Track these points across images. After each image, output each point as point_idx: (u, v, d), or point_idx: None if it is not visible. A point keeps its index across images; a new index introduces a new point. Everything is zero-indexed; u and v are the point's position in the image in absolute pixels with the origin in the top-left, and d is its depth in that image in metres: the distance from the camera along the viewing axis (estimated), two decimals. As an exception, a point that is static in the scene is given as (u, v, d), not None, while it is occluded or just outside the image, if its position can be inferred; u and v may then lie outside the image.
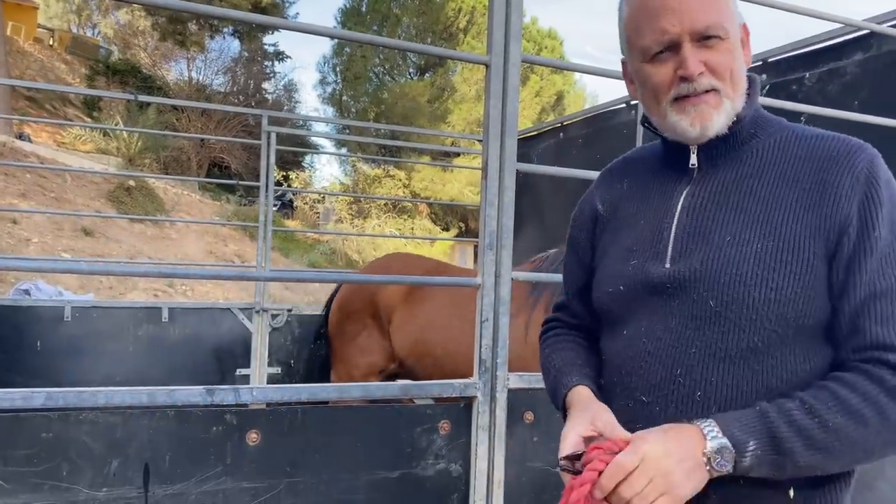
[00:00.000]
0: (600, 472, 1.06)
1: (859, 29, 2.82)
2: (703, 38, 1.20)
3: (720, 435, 1.05)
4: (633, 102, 4.31)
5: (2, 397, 1.37)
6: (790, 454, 1.05)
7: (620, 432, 1.14)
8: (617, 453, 1.07)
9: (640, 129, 4.16)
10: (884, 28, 2.63)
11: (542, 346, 1.53)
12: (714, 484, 1.08)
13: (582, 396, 1.31)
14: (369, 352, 4.34)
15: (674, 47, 1.22)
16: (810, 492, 1.15)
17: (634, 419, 1.20)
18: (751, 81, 1.28)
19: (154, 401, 1.49)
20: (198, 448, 1.54)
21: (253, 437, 1.59)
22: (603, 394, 1.33)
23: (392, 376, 4.35)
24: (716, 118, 1.22)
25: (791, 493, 1.14)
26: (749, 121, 1.26)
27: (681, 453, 1.05)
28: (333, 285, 4.92)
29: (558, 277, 2.17)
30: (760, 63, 3.35)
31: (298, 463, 1.64)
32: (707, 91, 1.22)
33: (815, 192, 1.16)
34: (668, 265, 1.24)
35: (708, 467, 1.05)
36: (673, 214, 1.28)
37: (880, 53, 2.87)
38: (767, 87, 3.25)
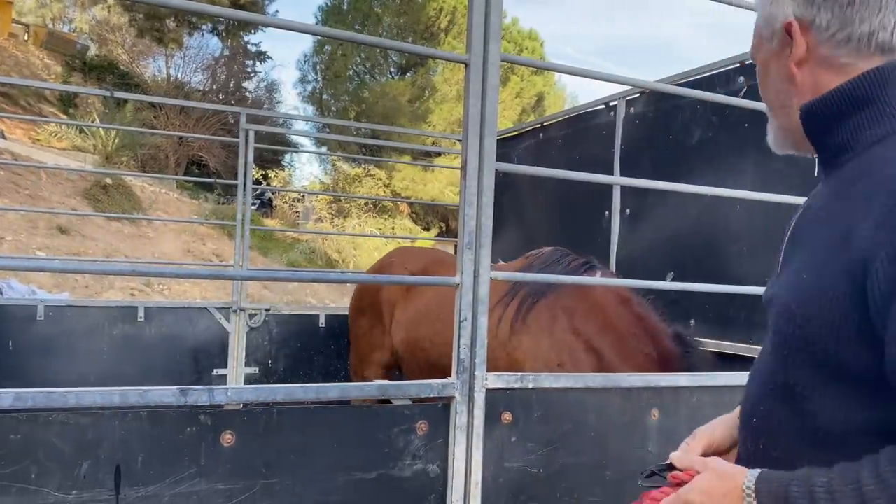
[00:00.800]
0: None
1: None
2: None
3: (753, 501, 1.03)
4: (612, 104, 4.33)
5: (-32, 398, 1.34)
6: None
7: (690, 461, 1.18)
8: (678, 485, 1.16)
9: (618, 131, 4.18)
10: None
11: None
12: None
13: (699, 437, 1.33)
14: (378, 347, 4.47)
15: None
16: None
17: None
18: (868, 76, 1.09)
19: (126, 401, 1.47)
20: (171, 449, 1.52)
21: (228, 438, 1.57)
22: None
23: (392, 370, 4.46)
24: (769, 135, 1.25)
25: None
26: (842, 127, 1.11)
27: None
28: (313, 285, 4.90)
29: (535, 277, 2.18)
30: (738, 65, 3.37)
31: (274, 464, 1.62)
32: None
33: (858, 219, 1.00)
34: (772, 284, 1.21)
35: None
36: (788, 229, 1.23)
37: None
38: (746, 88, 3.27)
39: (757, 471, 1.05)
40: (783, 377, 1.10)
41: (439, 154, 18.74)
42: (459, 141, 1.92)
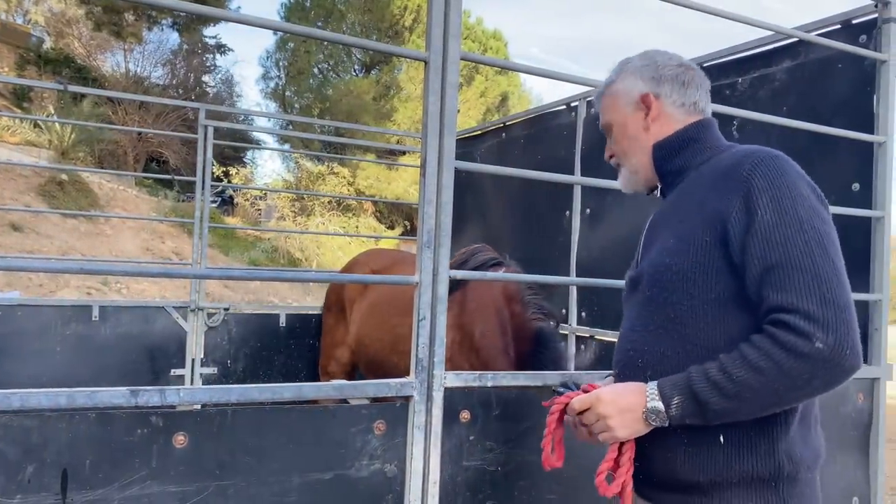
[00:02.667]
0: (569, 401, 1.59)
1: (789, 37, 2.91)
2: (607, 132, 1.80)
3: (656, 398, 1.42)
4: (573, 104, 4.37)
5: None
6: (706, 404, 1.36)
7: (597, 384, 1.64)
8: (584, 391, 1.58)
9: (579, 131, 4.21)
10: (811, 37, 2.72)
11: None
12: (660, 438, 1.47)
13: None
14: (339, 343, 4.53)
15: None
16: (737, 440, 1.43)
17: None
18: (697, 124, 1.68)
19: (73, 403, 1.42)
20: (120, 452, 1.48)
21: (180, 440, 1.54)
22: None
23: (354, 368, 4.52)
24: (622, 181, 1.80)
25: (721, 439, 1.43)
26: (682, 155, 1.66)
27: (623, 406, 1.46)
28: (275, 284, 4.87)
29: (493, 276, 2.18)
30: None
31: (228, 465, 1.60)
32: (618, 166, 1.81)
33: (710, 195, 1.49)
34: (636, 268, 1.68)
35: (646, 420, 1.44)
36: (643, 231, 1.74)
37: (808, 61, 2.97)
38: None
39: (653, 383, 1.45)
40: (664, 316, 1.51)
41: (404, 153, 18.69)
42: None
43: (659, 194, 1.74)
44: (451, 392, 1.87)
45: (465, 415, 1.92)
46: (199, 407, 1.67)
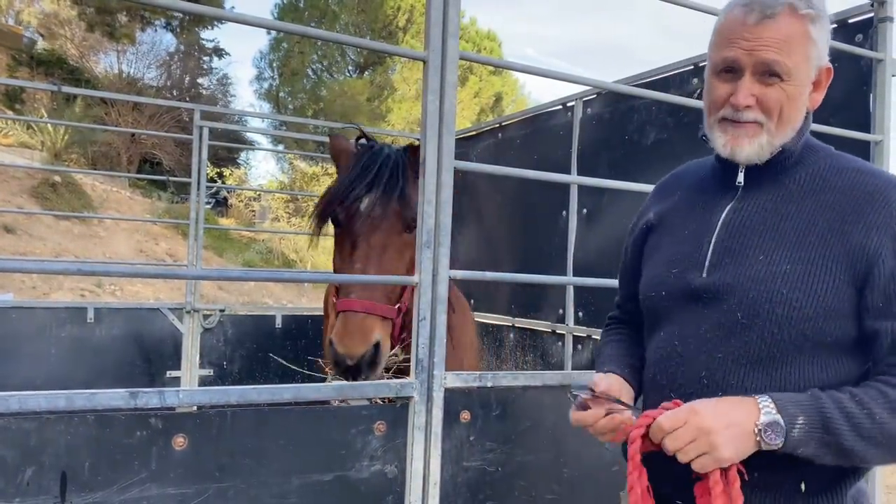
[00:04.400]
0: (654, 419, 1.21)
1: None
2: (765, 74, 1.32)
3: (774, 411, 1.17)
4: (569, 104, 4.36)
5: None
6: (837, 435, 1.16)
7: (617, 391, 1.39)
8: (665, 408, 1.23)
9: (575, 131, 4.21)
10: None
11: (601, 339, 1.75)
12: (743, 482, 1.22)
13: (606, 376, 1.50)
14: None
15: (738, 72, 1.34)
16: (819, 488, 1.27)
17: None
18: (809, 114, 1.41)
19: (72, 405, 1.41)
20: (120, 454, 1.47)
21: (179, 442, 1.53)
22: (644, 388, 1.50)
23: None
24: (748, 147, 1.36)
25: (802, 486, 1.27)
26: (796, 149, 1.38)
27: (730, 419, 1.17)
28: (270, 286, 4.85)
29: (493, 276, 2.17)
30: (692, 67, 3.43)
31: (228, 467, 1.59)
32: (751, 122, 1.35)
33: (847, 222, 1.27)
34: (705, 275, 1.37)
35: (758, 438, 1.17)
36: (714, 228, 1.41)
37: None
38: (699, 90, 3.33)
39: (765, 396, 1.21)
40: (766, 353, 1.28)
41: (398, 153, 18.61)
42: (418, 140, 1.90)
43: (738, 180, 1.43)
44: (451, 392, 1.87)
45: (465, 415, 1.91)
46: (195, 408, 1.66)
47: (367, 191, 2.48)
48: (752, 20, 1.31)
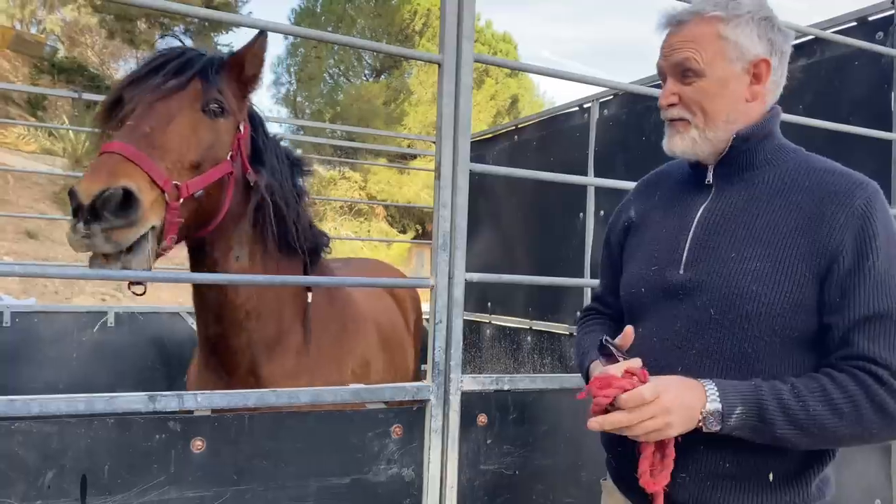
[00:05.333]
0: (624, 390, 1.28)
1: (804, 35, 2.89)
2: (682, 74, 1.44)
3: (717, 399, 1.27)
4: (585, 106, 4.35)
5: (-74, 407, 1.30)
6: (770, 424, 1.26)
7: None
8: (642, 383, 1.29)
9: (592, 133, 4.19)
10: (827, 34, 2.69)
11: (578, 330, 1.78)
12: (705, 468, 1.36)
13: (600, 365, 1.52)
14: None
15: (665, 78, 1.48)
16: (786, 477, 1.36)
17: None
18: (775, 113, 1.47)
19: (92, 408, 1.43)
20: (139, 457, 1.48)
21: (198, 445, 1.54)
22: None
23: None
24: (679, 142, 1.46)
25: (770, 476, 1.35)
26: (762, 147, 1.45)
27: (684, 402, 1.27)
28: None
29: (510, 278, 2.17)
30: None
31: (246, 470, 1.59)
32: (677, 119, 1.46)
33: (813, 221, 1.33)
34: (681, 272, 1.44)
35: (700, 423, 1.28)
36: (690, 226, 1.47)
37: (823, 59, 2.94)
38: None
39: (713, 382, 1.29)
40: (738, 350, 1.35)
41: (415, 156, 18.69)
42: (434, 143, 1.90)
43: (707, 179, 1.49)
44: (468, 396, 1.86)
45: (482, 418, 1.91)
46: (211, 412, 1.67)
47: (162, 65, 2.09)
48: (668, 31, 1.47)
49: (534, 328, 4.73)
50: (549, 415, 2.01)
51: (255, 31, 2.13)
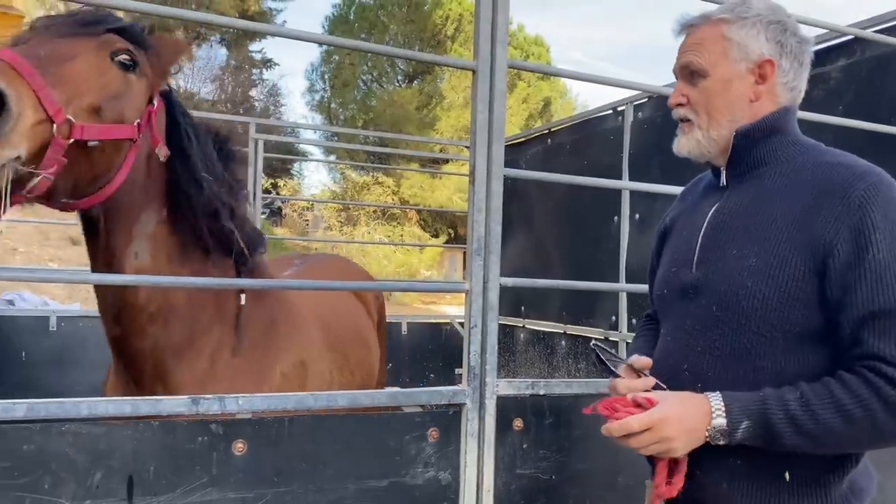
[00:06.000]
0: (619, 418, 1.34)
1: (843, 35, 2.84)
2: (689, 75, 1.49)
3: (723, 415, 1.27)
4: (619, 108, 4.33)
5: (-18, 409, 1.35)
6: (778, 436, 1.25)
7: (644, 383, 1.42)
8: (641, 406, 1.33)
9: (626, 135, 4.17)
10: (867, 34, 2.65)
11: (634, 335, 1.84)
12: (719, 467, 1.36)
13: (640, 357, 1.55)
14: None
15: (677, 80, 1.54)
16: (804, 477, 1.33)
17: None
18: (786, 111, 1.46)
19: (138, 411, 1.47)
20: (183, 458, 1.52)
21: (239, 447, 1.57)
22: None
23: None
24: (685, 143, 1.52)
25: (787, 476, 1.33)
26: (768, 144, 1.45)
27: (688, 426, 1.28)
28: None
29: (545, 283, 2.18)
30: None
31: (286, 472, 1.62)
32: (683, 120, 1.52)
33: (809, 214, 1.31)
34: (692, 272, 1.47)
35: (707, 439, 1.29)
36: (701, 227, 1.50)
37: (863, 59, 2.89)
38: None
39: (717, 395, 1.30)
40: (737, 344, 1.36)
41: (447, 161, 18.77)
42: (467, 147, 1.92)
43: (722, 181, 1.52)
44: (504, 400, 1.87)
45: (517, 423, 1.91)
46: (251, 415, 1.70)
47: (78, 14, 1.89)
48: (680, 36, 1.54)
49: (568, 332, 4.72)
50: (585, 419, 2.00)
51: (290, 41, 2.13)
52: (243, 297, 2.24)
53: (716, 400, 1.29)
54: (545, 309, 5.03)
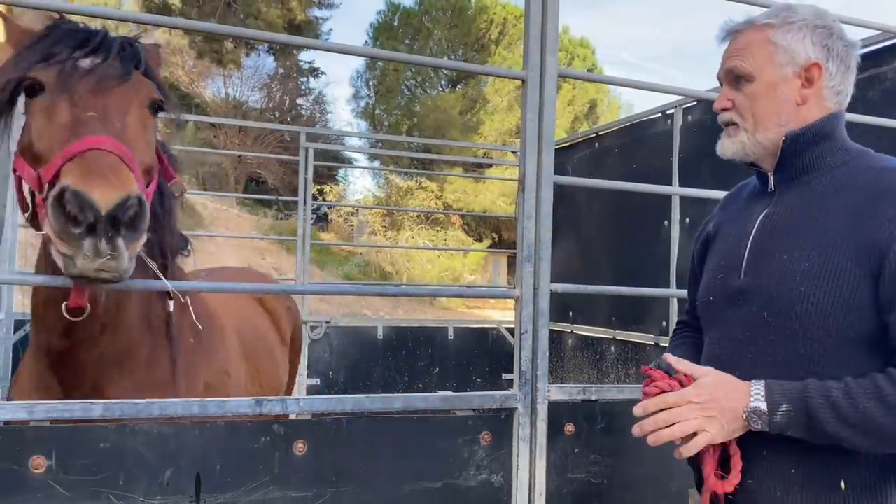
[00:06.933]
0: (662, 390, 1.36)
1: (900, 34, 2.79)
2: (734, 80, 1.49)
3: (761, 398, 1.29)
4: (668, 112, 4.30)
5: (62, 409, 1.43)
6: (820, 422, 1.24)
7: (693, 370, 1.39)
8: (681, 384, 1.36)
9: (676, 139, 4.14)
10: (925, 33, 2.59)
11: (669, 343, 1.84)
12: (773, 474, 1.35)
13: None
14: None
15: (722, 85, 1.54)
16: (861, 486, 1.31)
17: None
18: (834, 117, 1.46)
19: (205, 411, 1.54)
20: (247, 458, 1.58)
21: (300, 448, 1.63)
22: None
23: None
24: (729, 145, 1.52)
25: (842, 484, 1.31)
26: (818, 149, 1.44)
27: (728, 404, 1.30)
28: (368, 297, 4.99)
29: (595, 289, 2.19)
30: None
31: (343, 472, 1.67)
32: (729, 123, 1.52)
33: (864, 217, 1.31)
34: (741, 278, 1.46)
35: (745, 421, 1.30)
36: (750, 233, 1.50)
37: (922, 58, 2.83)
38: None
39: (761, 382, 1.31)
40: (793, 351, 1.35)
41: (490, 165, 18.76)
42: (512, 152, 1.95)
43: (770, 186, 1.52)
44: (555, 405, 1.89)
45: (569, 427, 1.93)
46: (311, 416, 1.76)
47: (86, 45, 1.75)
48: (724, 42, 1.54)
49: (617, 338, 4.69)
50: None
51: (332, 54, 2.07)
52: (171, 303, 2.16)
53: (757, 385, 1.31)
54: (593, 314, 5.01)
